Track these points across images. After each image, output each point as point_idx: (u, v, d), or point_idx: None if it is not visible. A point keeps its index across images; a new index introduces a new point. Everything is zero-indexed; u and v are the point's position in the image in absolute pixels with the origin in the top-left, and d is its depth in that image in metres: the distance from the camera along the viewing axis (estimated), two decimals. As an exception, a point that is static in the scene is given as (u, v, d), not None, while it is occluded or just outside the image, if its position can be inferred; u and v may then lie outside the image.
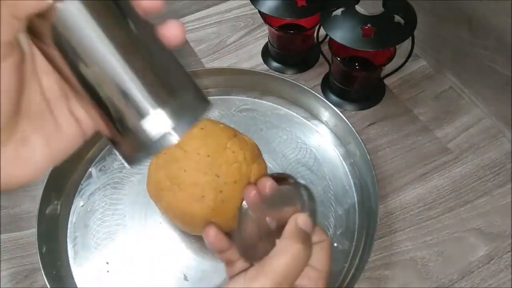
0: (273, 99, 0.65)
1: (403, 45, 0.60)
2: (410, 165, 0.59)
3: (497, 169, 0.58)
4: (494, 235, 0.53)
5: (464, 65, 0.63)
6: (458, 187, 0.57)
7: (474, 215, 0.55)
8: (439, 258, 0.52)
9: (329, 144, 0.61)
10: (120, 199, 0.56)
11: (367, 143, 0.59)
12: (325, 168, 0.58)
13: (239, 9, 0.78)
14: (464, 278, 0.50)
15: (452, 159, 0.59)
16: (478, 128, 0.62)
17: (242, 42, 0.74)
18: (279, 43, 0.68)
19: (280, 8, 0.59)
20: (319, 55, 0.70)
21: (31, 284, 0.51)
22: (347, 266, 0.51)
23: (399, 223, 0.54)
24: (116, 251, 0.52)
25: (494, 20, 0.55)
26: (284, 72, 0.69)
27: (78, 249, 0.53)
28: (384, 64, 0.60)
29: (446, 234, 0.53)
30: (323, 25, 0.57)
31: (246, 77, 0.64)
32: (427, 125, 0.63)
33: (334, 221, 0.54)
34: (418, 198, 0.56)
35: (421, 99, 0.65)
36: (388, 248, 0.53)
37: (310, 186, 0.42)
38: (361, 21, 0.55)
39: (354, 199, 0.56)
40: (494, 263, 0.51)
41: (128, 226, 0.54)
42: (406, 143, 0.61)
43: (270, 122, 0.63)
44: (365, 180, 0.56)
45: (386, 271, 0.51)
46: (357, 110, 0.65)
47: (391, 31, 0.55)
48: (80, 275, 0.51)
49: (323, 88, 0.67)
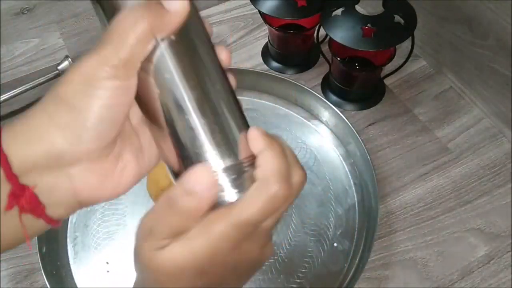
0: (273, 99, 0.65)
1: (403, 45, 0.60)
2: (410, 165, 0.59)
3: (497, 169, 0.58)
4: (494, 235, 0.53)
5: (464, 65, 0.63)
6: (458, 187, 0.57)
7: (474, 215, 0.55)
8: (439, 258, 0.52)
9: (329, 144, 0.61)
10: (120, 199, 0.56)
11: (367, 143, 0.59)
12: (325, 168, 0.58)
13: (239, 9, 0.78)
14: (464, 278, 0.50)
15: (452, 159, 0.59)
16: (478, 128, 0.62)
17: (242, 42, 0.74)
18: (279, 43, 0.68)
19: (280, 8, 0.59)
20: (319, 55, 0.70)
21: (31, 284, 0.51)
22: (347, 266, 0.51)
23: (399, 223, 0.54)
24: (116, 251, 0.52)
25: (494, 20, 0.55)
26: (284, 72, 0.69)
27: (78, 249, 0.53)
28: (384, 64, 0.60)
29: (446, 234, 0.53)
30: (323, 25, 0.57)
31: (246, 77, 0.64)
32: (427, 125, 0.63)
33: (334, 221, 0.54)
34: (418, 198, 0.56)
35: (421, 99, 0.65)
36: (388, 248, 0.53)
37: (310, 186, 0.42)
38: (361, 21, 0.55)
39: (354, 199, 0.56)
40: (494, 263, 0.51)
41: (128, 226, 0.54)
42: (406, 143, 0.61)
43: (270, 122, 0.63)
44: (365, 180, 0.55)
45: (386, 271, 0.51)
46: (357, 110, 0.65)
47: (391, 31, 0.55)
48: (80, 275, 0.51)
49: (323, 88, 0.67)
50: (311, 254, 0.52)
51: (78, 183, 0.24)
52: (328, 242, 0.52)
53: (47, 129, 0.22)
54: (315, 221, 0.54)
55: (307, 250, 0.52)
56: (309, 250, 0.52)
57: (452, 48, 0.64)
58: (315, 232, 0.53)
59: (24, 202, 0.22)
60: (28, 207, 0.23)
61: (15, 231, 0.23)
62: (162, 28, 0.23)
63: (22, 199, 0.22)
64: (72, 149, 0.23)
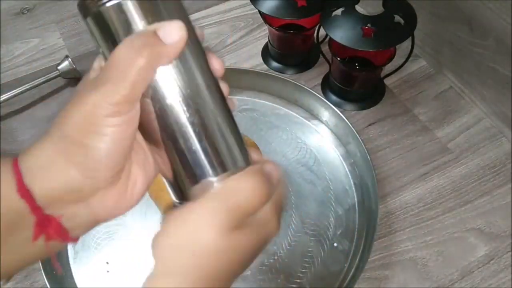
0: (273, 99, 0.65)
1: (403, 45, 0.60)
2: (410, 165, 0.59)
3: (497, 169, 0.58)
4: (494, 235, 0.53)
5: (464, 65, 0.63)
6: (458, 187, 0.57)
7: (474, 215, 0.55)
8: (439, 258, 0.52)
9: (329, 144, 0.61)
10: (120, 199, 0.56)
11: (367, 143, 0.59)
12: (325, 168, 0.58)
13: (239, 9, 0.78)
14: (464, 278, 0.50)
15: (452, 159, 0.59)
16: (478, 128, 0.62)
17: (242, 42, 0.74)
18: (279, 43, 0.68)
19: (280, 8, 0.59)
20: (319, 55, 0.70)
21: (31, 284, 0.51)
22: (347, 266, 0.51)
23: (399, 223, 0.54)
24: (116, 251, 0.52)
25: (494, 20, 0.55)
26: (284, 72, 0.69)
27: (78, 249, 0.53)
28: (384, 64, 0.60)
29: (446, 234, 0.53)
30: (323, 25, 0.57)
31: (246, 77, 0.64)
32: (427, 125, 0.63)
33: (334, 221, 0.54)
34: (418, 198, 0.56)
35: (421, 99, 0.65)
36: (388, 248, 0.53)
37: (310, 186, 0.42)
38: (361, 21, 0.55)
39: (354, 199, 0.56)
40: (494, 263, 0.51)
41: (128, 226, 0.54)
42: (406, 143, 0.61)
43: (270, 122, 0.63)
44: (365, 180, 0.56)
45: (386, 271, 0.51)
46: (357, 110, 0.65)
47: (391, 31, 0.55)
48: (80, 275, 0.51)
49: (323, 88, 0.67)
50: (311, 254, 0.52)
51: (97, 208, 0.25)
52: (328, 242, 0.52)
53: (64, 166, 0.23)
54: (315, 221, 0.54)
55: (307, 250, 0.52)
56: (309, 250, 0.52)
57: (452, 48, 0.64)
58: (315, 232, 0.53)
59: (52, 232, 0.24)
60: (56, 236, 0.24)
61: (36, 252, 0.25)
62: (160, 60, 0.23)
63: (49, 229, 0.24)
64: (90, 182, 0.24)
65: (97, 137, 0.23)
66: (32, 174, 0.23)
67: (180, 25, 0.23)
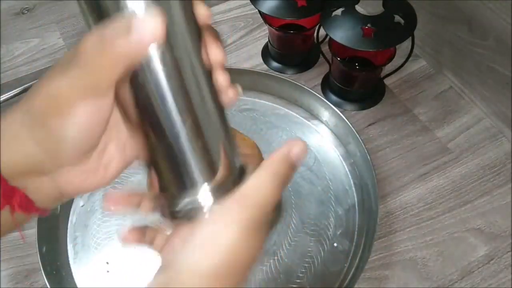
0: (273, 99, 0.65)
1: (403, 45, 0.60)
2: (410, 165, 0.59)
3: (497, 169, 0.58)
4: (494, 235, 0.53)
5: (464, 65, 0.63)
6: (458, 187, 0.57)
7: (474, 215, 0.55)
8: (439, 258, 0.52)
9: (329, 144, 0.61)
10: (120, 199, 0.56)
11: (367, 143, 0.59)
12: (325, 168, 0.58)
13: (239, 9, 0.78)
14: (464, 278, 0.50)
15: (452, 159, 0.59)
16: (478, 128, 0.62)
17: (242, 42, 0.74)
18: (279, 43, 0.68)
19: (280, 8, 0.59)
20: (319, 55, 0.70)
21: (31, 284, 0.51)
22: (347, 266, 0.51)
23: (399, 223, 0.54)
24: (116, 251, 0.52)
25: (494, 20, 0.55)
26: (284, 72, 0.69)
27: (78, 249, 0.53)
28: (384, 64, 0.60)
29: (446, 234, 0.53)
30: (323, 25, 0.57)
31: (246, 77, 0.64)
32: (427, 125, 0.63)
33: (334, 221, 0.54)
34: (418, 198, 0.56)
35: (421, 99, 0.65)
36: (388, 248, 0.53)
37: (310, 186, 0.42)
38: (361, 21, 0.55)
39: (354, 199, 0.56)
40: (494, 263, 0.51)
41: (128, 226, 0.53)
42: (406, 143, 0.61)
43: (270, 122, 0.63)
44: (365, 180, 0.55)
45: (386, 271, 0.51)
46: (357, 110, 0.65)
47: (391, 31, 0.55)
48: (80, 275, 0.51)
49: (323, 88, 0.67)
50: (311, 254, 0.52)
51: (63, 183, 0.25)
52: (328, 242, 0.52)
53: (25, 141, 0.23)
54: (315, 221, 0.54)
55: (307, 250, 0.52)
56: (309, 250, 0.52)
57: (452, 48, 0.64)
58: (315, 232, 0.53)
59: (16, 204, 0.24)
60: (20, 208, 0.24)
61: (3, 225, 0.24)
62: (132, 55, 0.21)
63: (13, 201, 0.23)
64: (51, 159, 0.23)
65: (59, 120, 0.22)
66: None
67: (160, 19, 0.21)
